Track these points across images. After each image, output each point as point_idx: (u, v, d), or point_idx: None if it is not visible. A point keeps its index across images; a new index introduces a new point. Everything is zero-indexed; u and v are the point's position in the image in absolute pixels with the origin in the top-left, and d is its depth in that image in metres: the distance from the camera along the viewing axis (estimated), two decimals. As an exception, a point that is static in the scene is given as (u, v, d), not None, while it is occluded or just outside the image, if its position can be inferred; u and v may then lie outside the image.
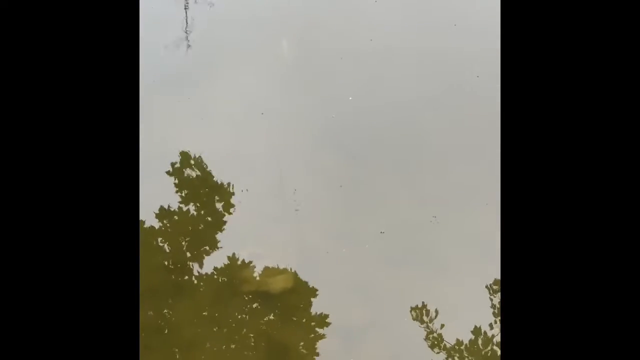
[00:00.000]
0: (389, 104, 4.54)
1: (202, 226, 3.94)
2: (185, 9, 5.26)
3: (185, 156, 4.21)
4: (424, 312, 3.56)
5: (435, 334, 3.51)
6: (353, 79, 4.72)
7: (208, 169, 4.18)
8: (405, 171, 4.17)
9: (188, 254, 3.77)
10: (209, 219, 3.98)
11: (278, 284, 3.59)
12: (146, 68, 4.75)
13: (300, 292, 3.60)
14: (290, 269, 3.69)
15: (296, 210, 3.91)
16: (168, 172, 4.13)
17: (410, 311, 3.55)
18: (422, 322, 3.54)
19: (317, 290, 3.64)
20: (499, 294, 3.62)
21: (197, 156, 4.22)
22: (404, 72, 4.77)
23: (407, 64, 4.82)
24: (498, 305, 3.59)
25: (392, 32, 5.07)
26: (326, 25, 5.12)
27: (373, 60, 4.86)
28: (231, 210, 3.95)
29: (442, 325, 3.52)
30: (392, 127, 4.41)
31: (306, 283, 3.65)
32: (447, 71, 4.80)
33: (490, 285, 3.64)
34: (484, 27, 4.91)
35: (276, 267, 3.69)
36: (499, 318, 3.55)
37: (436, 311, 3.55)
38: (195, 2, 5.34)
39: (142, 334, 3.39)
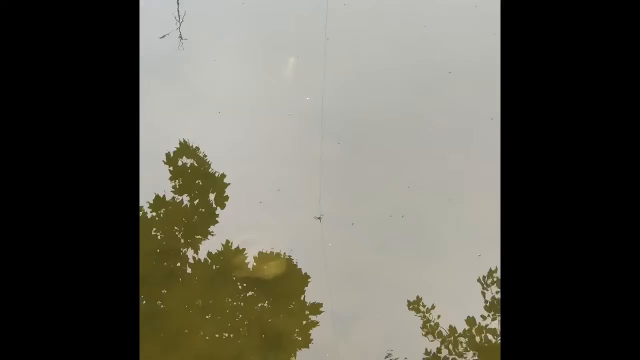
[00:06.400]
0: (382, 90, 4.55)
1: (195, 216, 3.94)
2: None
3: (181, 145, 4.21)
4: (420, 302, 3.55)
5: (432, 323, 3.50)
6: (344, 67, 4.72)
7: (207, 160, 4.18)
8: (401, 158, 4.16)
9: (182, 241, 3.77)
10: (202, 210, 3.97)
11: (270, 271, 3.58)
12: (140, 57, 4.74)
13: (294, 279, 3.60)
14: (284, 255, 3.68)
15: (279, 190, 3.90)
16: (163, 162, 4.13)
17: (408, 305, 3.54)
18: (417, 311, 3.53)
19: (310, 277, 3.63)
20: (493, 283, 3.62)
21: (193, 146, 4.22)
22: (398, 61, 4.77)
23: (402, 50, 4.82)
24: (491, 296, 3.59)
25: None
26: (319, 18, 5.13)
27: (366, 49, 4.86)
28: (225, 202, 3.95)
29: (439, 316, 3.51)
30: (389, 113, 4.41)
31: (299, 270, 3.64)
32: (440, 57, 4.80)
33: (483, 278, 3.63)
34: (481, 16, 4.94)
35: (269, 253, 3.68)
36: (492, 310, 3.56)
37: (433, 305, 3.54)
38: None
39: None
